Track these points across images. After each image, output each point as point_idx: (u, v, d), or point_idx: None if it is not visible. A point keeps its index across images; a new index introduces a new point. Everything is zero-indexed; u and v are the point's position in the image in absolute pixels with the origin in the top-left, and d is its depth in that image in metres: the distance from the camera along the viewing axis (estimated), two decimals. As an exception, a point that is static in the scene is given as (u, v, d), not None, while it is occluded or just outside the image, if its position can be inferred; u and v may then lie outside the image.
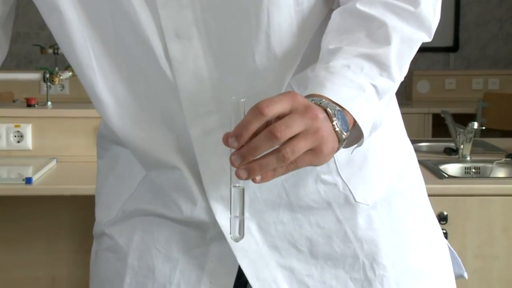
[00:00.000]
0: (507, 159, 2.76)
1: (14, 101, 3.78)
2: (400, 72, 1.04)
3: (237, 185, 0.94)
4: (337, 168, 1.12)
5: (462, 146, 2.82)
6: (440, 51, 5.43)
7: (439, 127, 3.85)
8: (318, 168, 1.10)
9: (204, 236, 1.13)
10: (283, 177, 1.05)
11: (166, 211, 1.14)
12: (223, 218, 1.10)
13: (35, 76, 2.86)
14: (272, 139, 0.89)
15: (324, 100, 0.96)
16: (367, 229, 1.13)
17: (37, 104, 2.82)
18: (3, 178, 2.46)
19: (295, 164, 0.92)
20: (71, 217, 2.72)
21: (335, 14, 1.07)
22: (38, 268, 2.74)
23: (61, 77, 2.86)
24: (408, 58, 1.06)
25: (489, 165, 2.76)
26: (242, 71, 1.06)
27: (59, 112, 2.75)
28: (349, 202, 1.12)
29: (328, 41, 1.05)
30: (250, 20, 1.04)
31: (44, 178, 2.43)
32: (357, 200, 1.12)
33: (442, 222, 2.38)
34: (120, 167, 1.20)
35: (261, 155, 0.91)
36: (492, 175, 2.73)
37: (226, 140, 0.90)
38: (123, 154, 1.18)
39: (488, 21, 5.58)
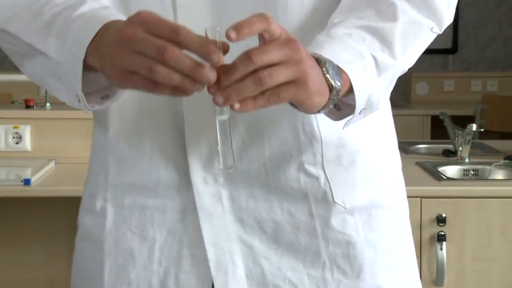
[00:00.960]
0: (506, 161, 2.77)
1: (13, 102, 3.77)
2: (403, 52, 1.04)
3: (222, 117, 0.93)
4: (323, 161, 1.11)
5: (460, 148, 2.82)
6: (438, 53, 5.43)
7: (438, 129, 3.85)
8: (303, 157, 1.10)
9: (178, 208, 1.12)
10: (266, 155, 1.08)
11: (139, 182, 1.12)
12: (197, 177, 1.09)
13: (33, 77, 2.86)
14: (247, 62, 0.87)
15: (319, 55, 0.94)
16: (338, 232, 1.12)
17: (35, 105, 2.82)
18: (2, 180, 2.46)
19: (277, 96, 0.89)
20: (69, 219, 2.71)
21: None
22: (37, 270, 2.74)
23: (60, 78, 2.86)
24: (413, 40, 1.05)
25: (488, 167, 2.76)
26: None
27: (58, 113, 2.76)
28: (326, 199, 1.11)
29: (335, 17, 1.05)
30: None
31: (42, 179, 2.44)
32: (335, 199, 1.11)
33: (440, 224, 2.38)
34: (90, 158, 1.20)
35: None
36: (490, 177, 2.73)
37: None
38: (99, 142, 1.18)
39: (487, 23, 5.59)
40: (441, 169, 2.66)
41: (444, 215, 2.39)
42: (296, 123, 1.09)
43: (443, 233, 2.38)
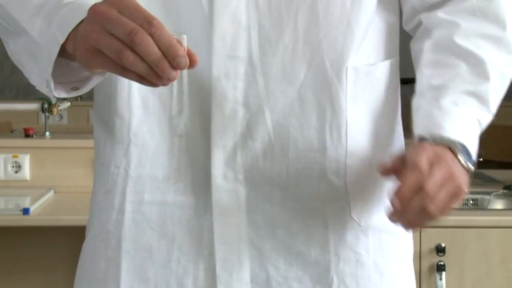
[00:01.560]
0: (505, 190, 2.76)
1: (12, 131, 3.78)
2: (496, 105, 1.12)
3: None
4: (345, 172, 1.11)
5: (459, 177, 2.81)
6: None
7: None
8: (327, 163, 1.10)
9: (197, 205, 1.11)
10: (289, 157, 1.09)
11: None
12: (218, 171, 1.09)
13: (33, 106, 2.87)
14: (422, 195, 0.97)
15: (445, 138, 1.04)
16: (350, 249, 1.12)
17: (35, 134, 2.82)
18: (1, 209, 2.46)
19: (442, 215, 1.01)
20: (68, 248, 2.71)
21: (428, 47, 1.12)
22: (35, 299, 2.73)
23: (60, 107, 2.87)
24: (502, 92, 1.13)
25: (487, 197, 2.76)
26: (281, 26, 1.07)
27: (57, 142, 2.76)
28: (343, 213, 1.11)
29: (429, 76, 1.10)
30: None
31: (41, 209, 2.43)
32: (351, 214, 1.11)
33: (440, 254, 2.38)
34: (98, 152, 1.18)
35: None
36: (489, 207, 2.73)
37: (391, 197, 0.98)
38: (99, 140, 1.17)
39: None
40: (440, 198, 2.65)
41: (443, 245, 2.39)
42: (324, 126, 1.09)
43: (442, 263, 2.38)
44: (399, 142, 1.20)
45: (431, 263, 2.39)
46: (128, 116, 1.11)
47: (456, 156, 1.02)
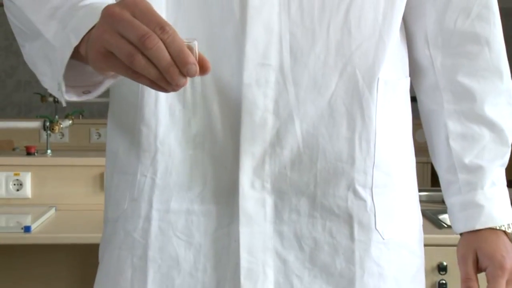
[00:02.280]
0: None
1: (14, 149, 3.79)
2: None
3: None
4: (372, 184, 1.12)
5: (461, 195, 2.80)
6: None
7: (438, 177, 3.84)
8: (355, 174, 1.10)
9: (224, 214, 1.10)
10: (318, 167, 1.09)
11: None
12: (246, 180, 1.08)
13: (35, 124, 2.87)
14: None
15: (498, 225, 1.19)
16: (374, 262, 1.12)
17: (36, 152, 2.82)
18: (2, 227, 2.46)
19: None
20: (70, 266, 2.71)
21: (454, 117, 1.19)
22: (36, 318, 2.72)
23: (61, 126, 2.87)
24: None
25: (489, 215, 2.74)
26: (313, 36, 1.08)
27: (59, 160, 2.76)
28: (369, 225, 1.12)
29: (461, 153, 1.20)
30: None
31: (43, 227, 2.43)
32: (377, 227, 1.12)
33: (441, 273, 2.37)
34: (120, 161, 1.17)
35: None
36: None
37: None
38: (121, 148, 1.16)
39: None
40: (441, 217, 2.65)
41: (445, 263, 2.38)
42: (354, 137, 1.10)
43: (444, 281, 2.37)
44: (413, 157, 1.23)
45: (433, 282, 2.38)
46: (154, 124, 1.11)
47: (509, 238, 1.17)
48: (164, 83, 0.84)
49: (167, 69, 0.82)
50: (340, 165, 1.10)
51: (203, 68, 0.85)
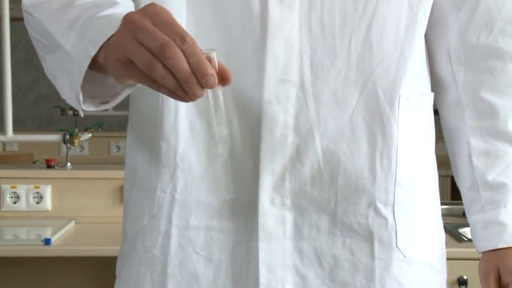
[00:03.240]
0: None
1: (34, 162, 3.80)
2: None
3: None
4: (394, 202, 1.11)
5: (481, 209, 2.79)
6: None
7: (458, 190, 3.82)
8: (376, 192, 1.10)
9: (244, 230, 1.10)
10: (338, 183, 1.09)
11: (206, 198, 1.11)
12: (266, 196, 1.08)
13: (55, 137, 2.89)
14: None
15: None
16: (395, 280, 1.11)
17: (56, 165, 2.84)
18: (22, 239, 2.47)
19: None
20: (89, 278, 2.71)
21: (477, 134, 1.17)
22: (55, 330, 2.72)
23: (81, 139, 2.88)
24: None
25: (509, 229, 2.72)
26: (334, 52, 1.08)
27: (79, 173, 2.77)
28: (390, 243, 1.11)
29: (483, 170, 1.18)
30: (357, 4, 1.07)
31: (63, 239, 2.44)
32: (398, 245, 1.11)
33: (462, 287, 2.35)
34: (139, 176, 1.17)
35: None
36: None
37: None
38: (141, 163, 1.16)
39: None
40: (462, 230, 2.63)
41: (465, 277, 2.36)
42: (375, 154, 1.10)
43: (464, 295, 2.35)
44: (436, 174, 1.22)
45: (453, 296, 2.37)
46: (174, 140, 1.11)
47: None
48: (182, 92, 0.83)
49: (185, 80, 0.82)
50: (361, 182, 1.10)
51: (224, 78, 0.85)
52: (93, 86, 0.97)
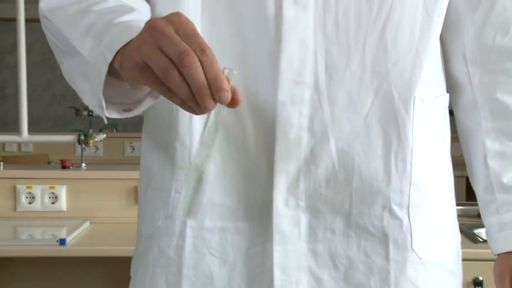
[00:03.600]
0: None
1: (49, 162, 3.82)
2: None
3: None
4: (409, 203, 1.10)
5: (496, 210, 2.78)
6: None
7: (473, 191, 3.81)
8: (391, 194, 1.09)
9: (258, 232, 1.10)
10: (353, 185, 1.08)
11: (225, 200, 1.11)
12: (280, 198, 1.08)
13: (70, 138, 2.90)
14: None
15: None
16: (410, 282, 1.11)
17: (71, 165, 2.85)
18: (37, 239, 2.48)
19: None
20: (104, 278, 2.72)
21: (492, 136, 1.16)
22: (70, 330, 2.73)
23: (95, 139, 2.89)
24: None
25: (525, 230, 2.71)
26: (349, 53, 1.07)
27: (93, 173, 2.78)
28: (405, 245, 1.10)
29: (499, 172, 1.17)
30: (372, 5, 1.07)
31: (78, 239, 2.44)
32: (413, 247, 1.11)
33: None
34: (154, 177, 1.17)
35: None
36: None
37: None
38: (156, 164, 1.16)
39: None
40: (477, 231, 2.62)
41: (480, 278, 2.36)
42: (390, 155, 1.09)
43: (479, 296, 2.35)
44: (451, 175, 1.22)
45: (469, 297, 2.36)
46: (189, 141, 1.11)
47: None
48: (193, 103, 0.83)
49: (199, 90, 0.82)
50: (375, 184, 1.09)
51: (233, 101, 0.85)
52: (114, 93, 0.98)
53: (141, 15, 1.00)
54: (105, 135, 3.09)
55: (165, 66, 0.82)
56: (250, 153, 1.10)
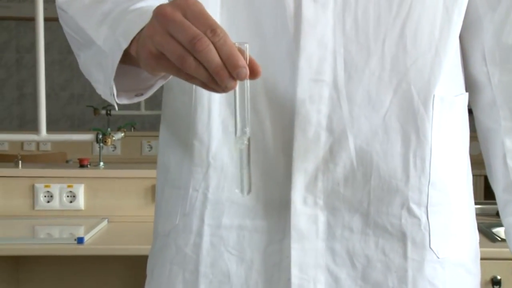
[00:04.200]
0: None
1: (67, 161, 3.84)
2: None
3: (241, 146, 0.89)
4: (427, 202, 1.10)
5: (515, 209, 2.77)
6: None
7: (492, 190, 3.79)
8: (410, 193, 1.09)
9: (276, 230, 1.10)
10: (372, 184, 1.08)
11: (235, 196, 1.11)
12: (298, 196, 1.08)
13: (88, 137, 2.91)
14: None
15: None
16: (428, 281, 1.10)
17: (89, 164, 2.86)
18: (56, 238, 2.49)
19: None
20: (122, 277, 2.73)
21: (511, 135, 1.17)
22: (88, 328, 2.74)
23: (113, 138, 2.90)
24: None
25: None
26: (368, 52, 1.07)
27: (111, 172, 2.79)
28: (423, 244, 1.10)
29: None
30: (392, 4, 1.07)
31: (95, 238, 2.45)
32: (431, 246, 1.10)
33: (495, 287, 2.34)
34: (172, 175, 1.17)
35: None
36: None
37: None
38: (173, 162, 1.17)
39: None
40: (495, 230, 2.61)
41: (499, 277, 2.35)
42: (408, 154, 1.09)
43: (498, 296, 2.34)
44: (470, 174, 1.21)
45: (487, 296, 2.35)
46: (207, 139, 1.11)
47: None
48: (214, 85, 0.83)
49: (216, 72, 0.81)
50: (394, 183, 1.09)
51: (253, 72, 0.85)
52: (127, 80, 0.98)
53: (156, 1, 0.99)
54: (123, 134, 3.10)
55: (179, 53, 0.82)
56: (269, 151, 1.09)
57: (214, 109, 1.11)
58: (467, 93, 1.19)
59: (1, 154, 4.03)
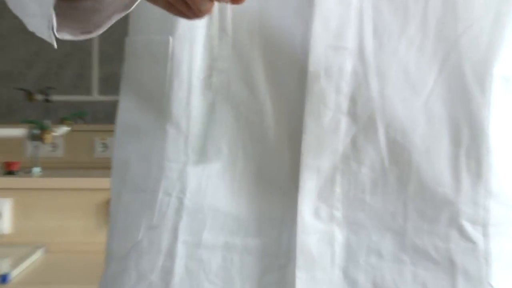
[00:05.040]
0: None
1: (-12, 165, 3.84)
2: None
3: None
4: (486, 222, 1.10)
5: None
6: None
7: None
8: (461, 205, 1.09)
9: (277, 251, 1.10)
10: (409, 191, 1.10)
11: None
12: (307, 205, 1.08)
13: (18, 132, 2.92)
14: None
15: None
16: None
17: (19, 170, 2.86)
18: (-31, 274, 2.49)
19: None
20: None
21: None
22: None
23: (54, 134, 2.90)
24: None
25: None
26: (405, 14, 1.09)
27: (51, 181, 2.81)
28: (480, 278, 1.10)
29: None
30: None
31: (26, 275, 2.46)
32: (491, 281, 1.09)
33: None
34: (133, 174, 1.18)
35: None
36: None
37: None
38: (135, 156, 1.17)
39: None
40: None
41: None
42: (459, 152, 1.10)
43: None
44: None
45: None
46: (186, 125, 1.12)
47: None
48: (182, 4, 0.89)
49: None
50: (440, 191, 1.09)
51: None
52: (70, 15, 1.01)
53: None
54: (68, 128, 3.10)
55: None
56: (268, 144, 1.11)
57: (195, 86, 1.12)
58: None
59: None
